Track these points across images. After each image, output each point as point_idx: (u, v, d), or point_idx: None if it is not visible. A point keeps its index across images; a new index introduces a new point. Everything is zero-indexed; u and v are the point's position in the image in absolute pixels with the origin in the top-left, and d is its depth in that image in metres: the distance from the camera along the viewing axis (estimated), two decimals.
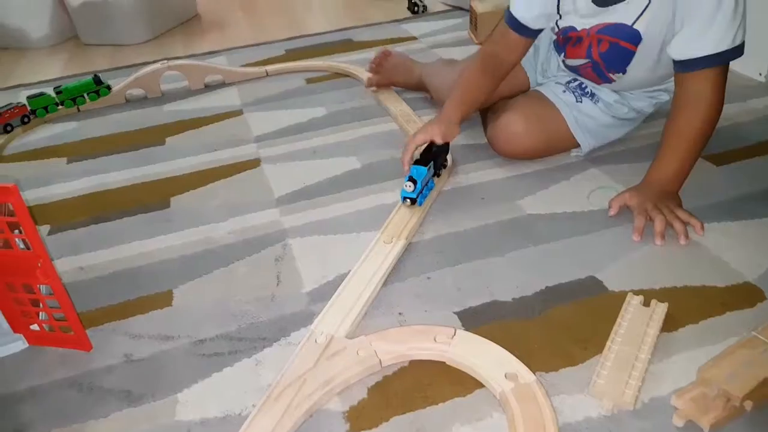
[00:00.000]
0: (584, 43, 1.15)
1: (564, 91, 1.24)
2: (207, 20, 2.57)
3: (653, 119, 1.30)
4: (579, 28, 1.13)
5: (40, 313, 0.87)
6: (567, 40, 1.18)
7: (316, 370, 0.77)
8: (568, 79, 1.28)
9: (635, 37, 1.08)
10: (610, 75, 1.17)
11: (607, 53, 1.13)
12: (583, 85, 1.25)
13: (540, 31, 1.18)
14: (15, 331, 0.88)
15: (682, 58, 1.01)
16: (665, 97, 1.25)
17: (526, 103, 1.23)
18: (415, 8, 2.29)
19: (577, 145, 1.23)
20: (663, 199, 1.01)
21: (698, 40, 0.98)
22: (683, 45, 1.00)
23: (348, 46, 2.03)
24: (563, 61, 1.25)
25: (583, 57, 1.18)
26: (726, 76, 1.01)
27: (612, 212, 1.04)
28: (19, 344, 0.88)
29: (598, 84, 1.23)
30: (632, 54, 1.11)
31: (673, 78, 1.06)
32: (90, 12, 2.30)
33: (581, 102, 1.22)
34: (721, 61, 0.98)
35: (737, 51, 0.98)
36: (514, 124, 1.20)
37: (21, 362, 0.87)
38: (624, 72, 1.15)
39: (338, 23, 2.29)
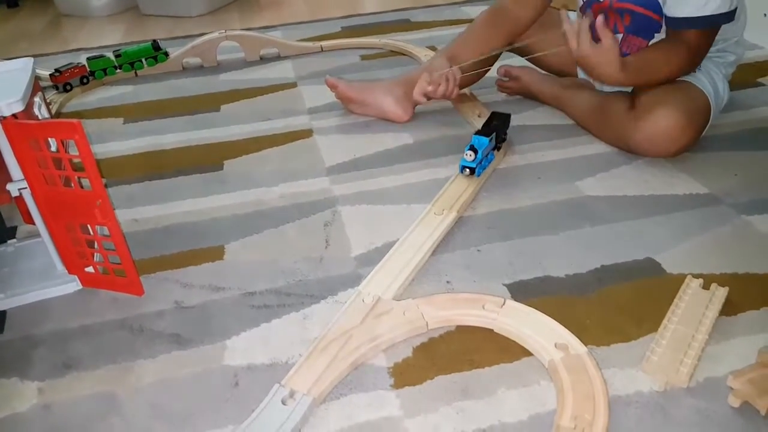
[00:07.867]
0: (609, 21, 1.14)
1: None
2: None
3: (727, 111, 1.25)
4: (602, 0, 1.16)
5: (95, 255, 0.88)
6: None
7: (362, 327, 0.77)
8: None
9: (656, 6, 1.08)
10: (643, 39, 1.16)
11: (631, 25, 1.13)
12: None
13: None
14: (70, 272, 0.90)
15: (669, 16, 1.06)
16: (731, 57, 1.20)
17: (669, 93, 1.08)
18: None
19: None
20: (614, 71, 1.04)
21: (684, 2, 1.03)
22: (674, 5, 1.05)
23: (405, 26, 2.02)
24: None
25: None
26: (708, 40, 1.07)
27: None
28: (73, 285, 0.90)
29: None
30: (659, 25, 1.11)
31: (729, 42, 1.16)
32: None
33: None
34: (702, 24, 1.03)
35: (721, 17, 1.03)
36: (674, 121, 1.06)
37: (74, 302, 0.88)
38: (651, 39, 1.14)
39: (396, 3, 2.28)
